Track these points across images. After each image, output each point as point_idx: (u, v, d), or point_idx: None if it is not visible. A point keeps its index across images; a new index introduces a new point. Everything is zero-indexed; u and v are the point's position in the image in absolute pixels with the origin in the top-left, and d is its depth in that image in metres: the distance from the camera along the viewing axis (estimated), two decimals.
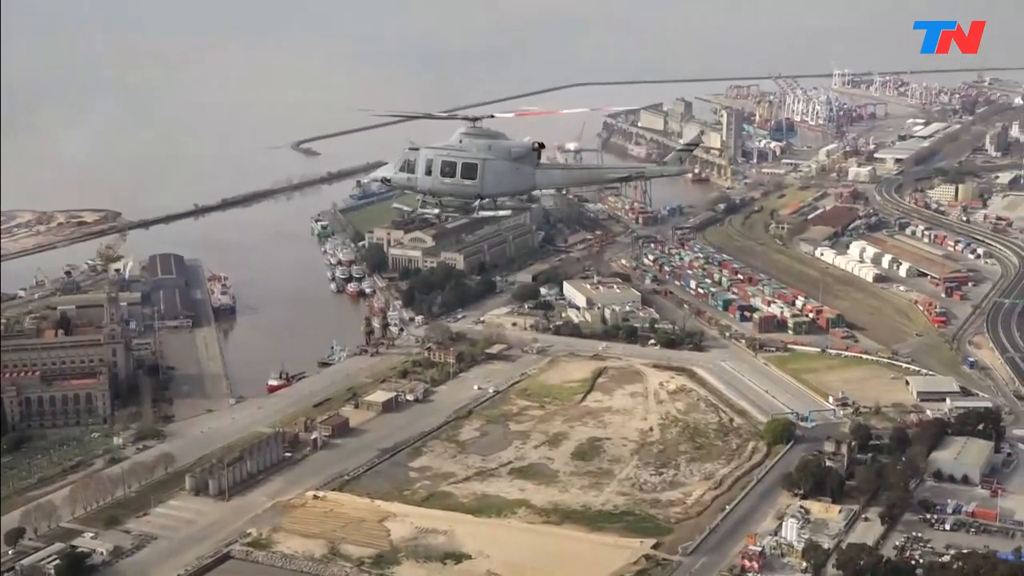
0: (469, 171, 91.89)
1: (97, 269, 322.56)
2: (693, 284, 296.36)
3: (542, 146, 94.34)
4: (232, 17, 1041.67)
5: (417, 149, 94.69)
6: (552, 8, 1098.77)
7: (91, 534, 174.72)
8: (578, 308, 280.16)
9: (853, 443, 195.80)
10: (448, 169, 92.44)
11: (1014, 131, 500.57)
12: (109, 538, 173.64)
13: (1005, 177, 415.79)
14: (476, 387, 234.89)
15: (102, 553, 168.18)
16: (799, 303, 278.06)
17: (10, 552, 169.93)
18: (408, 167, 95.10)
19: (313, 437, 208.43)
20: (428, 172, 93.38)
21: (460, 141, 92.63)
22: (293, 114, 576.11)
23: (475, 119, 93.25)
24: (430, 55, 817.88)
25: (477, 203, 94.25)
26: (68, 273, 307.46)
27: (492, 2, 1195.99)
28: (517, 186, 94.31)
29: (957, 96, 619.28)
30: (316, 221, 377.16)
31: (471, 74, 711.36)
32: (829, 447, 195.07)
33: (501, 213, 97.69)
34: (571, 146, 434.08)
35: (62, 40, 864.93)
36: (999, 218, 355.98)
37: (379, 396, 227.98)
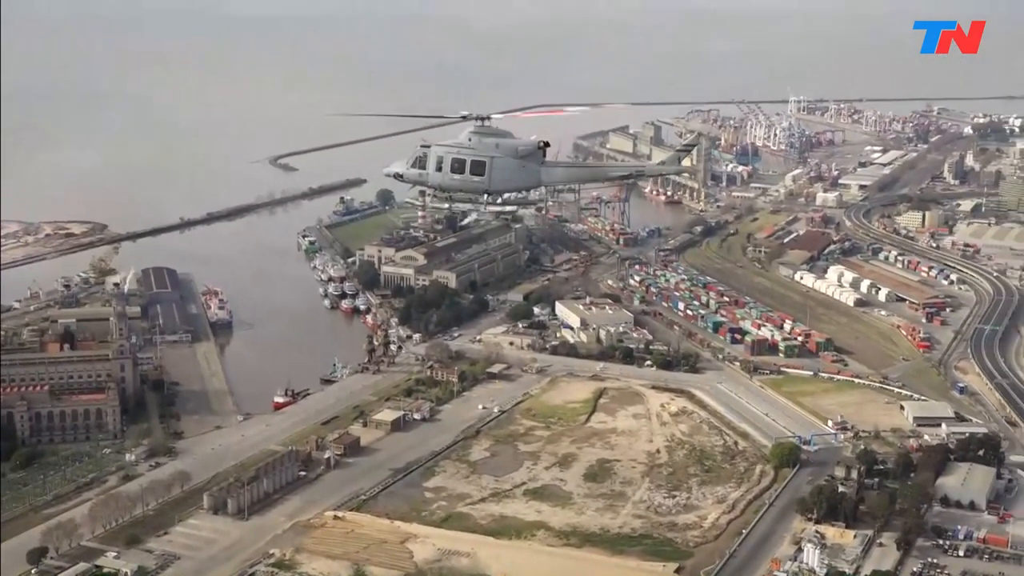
0: (478, 168, 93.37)
1: (90, 282, 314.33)
2: (681, 306, 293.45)
3: (547, 144, 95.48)
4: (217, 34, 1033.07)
5: (428, 147, 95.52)
6: (519, 31, 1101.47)
7: (113, 553, 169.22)
8: (572, 328, 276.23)
9: (862, 468, 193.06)
10: (458, 166, 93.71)
11: (969, 160, 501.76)
12: (132, 557, 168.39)
13: (967, 205, 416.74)
14: (481, 407, 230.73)
15: (127, 573, 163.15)
16: (787, 326, 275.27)
17: (33, 572, 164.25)
18: (419, 163, 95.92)
19: (326, 456, 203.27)
20: (439, 169, 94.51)
21: (469, 139, 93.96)
22: (273, 129, 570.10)
23: (483, 118, 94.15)
24: (401, 75, 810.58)
25: (485, 198, 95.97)
26: (67, 286, 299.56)
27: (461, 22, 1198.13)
28: (523, 182, 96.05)
29: (910, 125, 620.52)
30: (303, 237, 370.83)
31: (431, 92, 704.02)
32: (840, 472, 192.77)
33: (507, 208, 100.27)
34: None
35: (44, 52, 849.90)
36: (967, 245, 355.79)
37: (387, 415, 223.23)
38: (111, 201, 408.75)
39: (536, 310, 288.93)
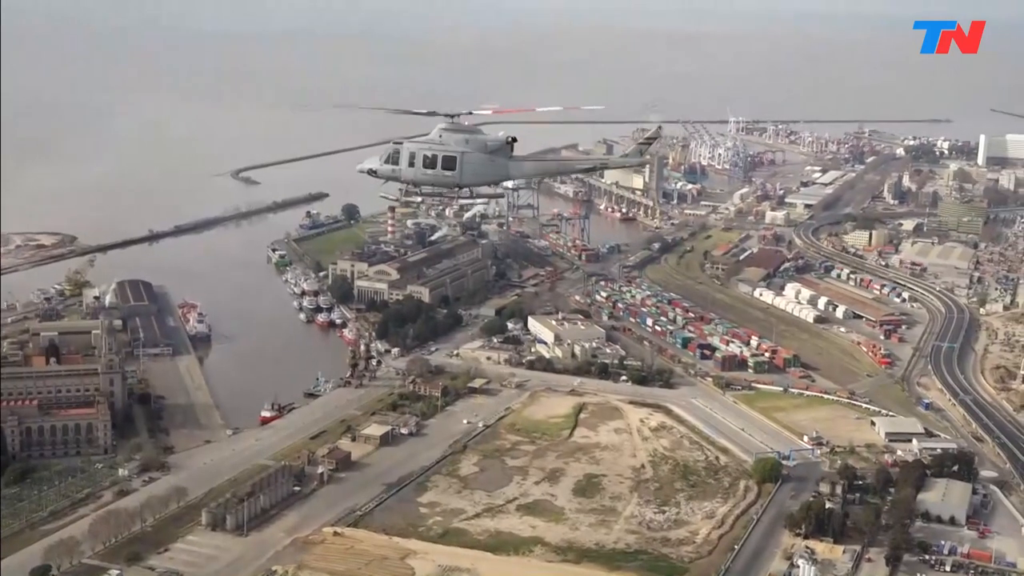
0: (449, 163, 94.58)
1: (65, 294, 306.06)
2: (650, 321, 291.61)
3: (515, 140, 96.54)
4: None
5: (401, 143, 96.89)
6: (472, 49, 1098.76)
7: (116, 571, 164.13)
8: (546, 343, 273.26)
9: (845, 484, 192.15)
10: (429, 161, 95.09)
11: (905, 180, 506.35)
12: (135, 575, 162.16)
13: (908, 224, 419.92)
14: (465, 421, 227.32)
15: None
16: (754, 342, 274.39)
17: None
18: (392, 159, 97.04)
19: (319, 471, 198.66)
20: (411, 164, 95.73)
21: (440, 136, 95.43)
22: (233, 143, 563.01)
23: (453, 115, 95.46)
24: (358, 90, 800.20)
25: (456, 191, 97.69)
26: (48, 299, 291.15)
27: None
28: (493, 176, 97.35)
29: (845, 146, 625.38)
30: (273, 250, 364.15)
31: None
32: (825, 488, 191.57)
33: (478, 201, 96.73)
34: (509, 184, 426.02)
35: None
36: (914, 263, 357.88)
37: (375, 429, 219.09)
38: (77, 213, 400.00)
39: (509, 325, 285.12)
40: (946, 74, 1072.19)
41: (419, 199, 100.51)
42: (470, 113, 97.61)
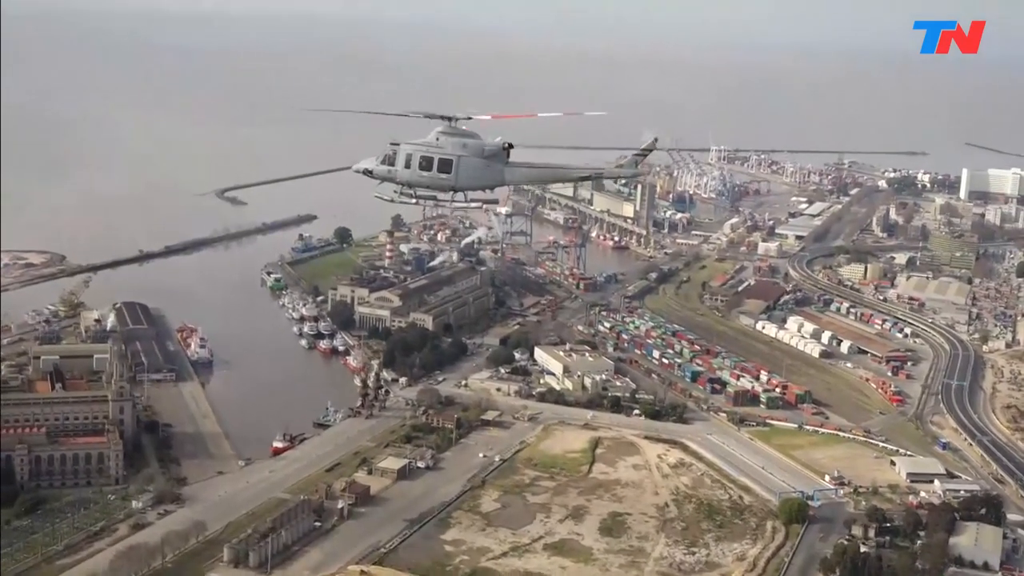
0: (445, 166, 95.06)
1: (60, 315, 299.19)
2: (656, 354, 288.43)
3: (511, 146, 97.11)
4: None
5: (398, 144, 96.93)
6: (436, 68, 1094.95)
7: None
8: (555, 375, 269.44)
9: (875, 527, 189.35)
10: (425, 163, 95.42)
11: (892, 214, 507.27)
12: None
13: (901, 258, 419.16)
14: (481, 455, 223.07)
15: None
16: (763, 377, 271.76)
17: None
18: (389, 160, 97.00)
19: (340, 506, 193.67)
20: (407, 166, 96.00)
21: (437, 139, 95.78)
22: (215, 162, 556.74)
23: (452, 118, 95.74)
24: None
25: (451, 195, 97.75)
26: (47, 321, 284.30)
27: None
28: (488, 180, 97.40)
29: (827, 177, 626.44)
30: (268, 273, 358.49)
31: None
32: (857, 531, 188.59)
33: (472, 205, 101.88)
34: (502, 210, 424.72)
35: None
36: (911, 298, 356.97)
37: (392, 463, 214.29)
38: (62, 230, 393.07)
39: (516, 355, 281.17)
40: (920, 107, 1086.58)
41: (413, 200, 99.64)
42: (469, 118, 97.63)
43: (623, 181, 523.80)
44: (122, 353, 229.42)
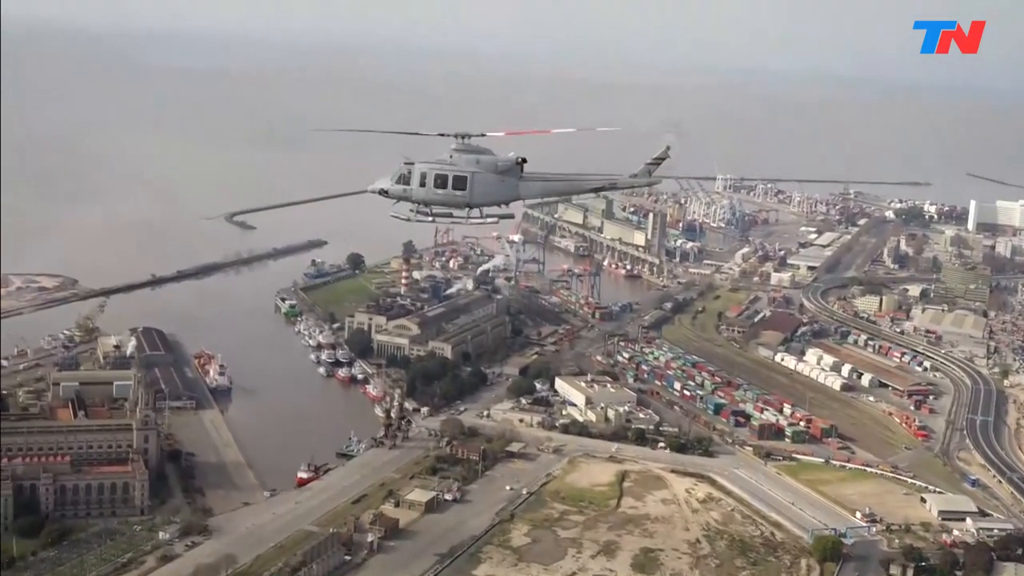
0: (460, 183, 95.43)
1: (75, 340, 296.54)
2: (678, 385, 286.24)
3: (525, 161, 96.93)
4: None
5: (412, 163, 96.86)
6: (431, 90, 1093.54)
7: None
8: (577, 406, 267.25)
9: (912, 566, 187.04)
10: (440, 181, 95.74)
11: (902, 244, 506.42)
12: None
13: (914, 289, 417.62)
14: (508, 487, 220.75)
15: None
16: (787, 411, 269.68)
17: None
18: (403, 180, 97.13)
19: (369, 539, 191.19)
20: (422, 184, 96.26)
21: (451, 156, 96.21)
22: (221, 186, 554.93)
23: (465, 136, 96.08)
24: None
25: (467, 212, 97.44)
26: (67, 347, 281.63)
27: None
28: (503, 196, 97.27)
29: (834, 207, 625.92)
30: (282, 299, 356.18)
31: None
32: (895, 570, 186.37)
33: (488, 221, 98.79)
34: (515, 238, 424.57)
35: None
36: (928, 331, 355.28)
37: (419, 495, 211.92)
38: (72, 254, 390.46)
39: (537, 385, 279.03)
40: (919, 136, 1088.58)
41: (430, 219, 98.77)
42: (482, 135, 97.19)
43: (632, 209, 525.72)
44: (146, 380, 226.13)
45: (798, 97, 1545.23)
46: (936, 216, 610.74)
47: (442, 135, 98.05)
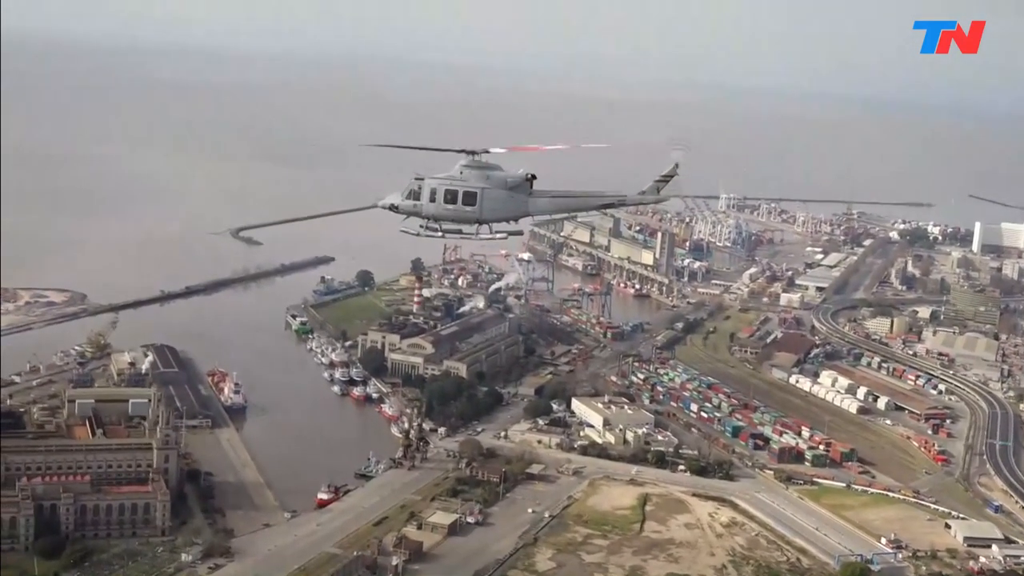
0: (469, 198, 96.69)
1: (87, 356, 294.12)
2: (694, 407, 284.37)
3: (534, 177, 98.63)
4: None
5: (422, 179, 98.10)
6: (437, 108, 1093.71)
7: None
8: (594, 427, 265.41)
9: None
10: (450, 197, 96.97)
11: (908, 266, 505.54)
12: None
13: (924, 311, 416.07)
14: (530, 510, 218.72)
15: None
16: (805, 433, 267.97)
17: None
18: (414, 195, 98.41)
19: (394, 563, 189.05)
20: (432, 199, 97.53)
21: (461, 172, 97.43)
22: (225, 201, 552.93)
23: (474, 153, 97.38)
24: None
25: (476, 227, 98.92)
26: (81, 363, 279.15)
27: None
28: (512, 212, 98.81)
29: (839, 228, 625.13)
30: (293, 316, 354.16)
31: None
32: None
33: (497, 237, 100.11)
34: (524, 256, 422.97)
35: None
36: (941, 354, 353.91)
37: (441, 517, 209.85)
38: (78, 269, 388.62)
39: (554, 406, 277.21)
40: (918, 157, 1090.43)
41: (439, 234, 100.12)
42: (487, 151, 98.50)
43: (638, 228, 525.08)
44: (167, 399, 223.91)
45: (794, 116, 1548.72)
46: (940, 237, 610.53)
47: (460, 151, 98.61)
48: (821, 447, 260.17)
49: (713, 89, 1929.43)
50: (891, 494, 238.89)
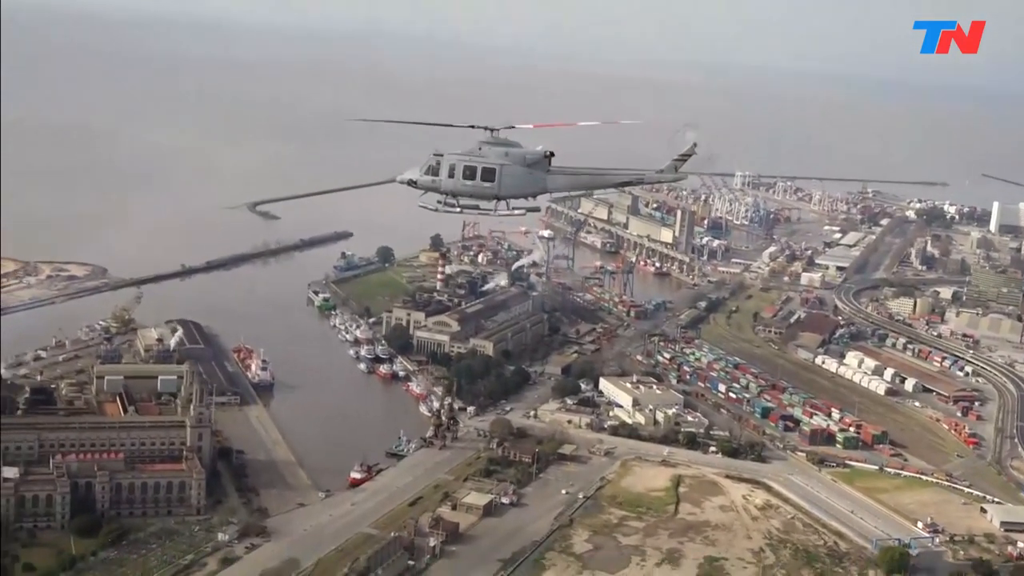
0: (488, 174, 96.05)
1: (111, 331, 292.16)
2: (722, 388, 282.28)
3: (553, 154, 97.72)
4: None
5: (441, 155, 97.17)
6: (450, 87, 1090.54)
7: None
8: (623, 407, 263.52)
9: None
10: (469, 172, 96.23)
11: (928, 246, 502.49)
12: None
13: (945, 291, 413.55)
14: (564, 491, 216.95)
15: None
16: (835, 415, 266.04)
17: None
18: (432, 171, 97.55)
19: (432, 544, 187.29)
20: (451, 175, 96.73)
21: (480, 148, 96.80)
22: (240, 176, 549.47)
23: (493, 129, 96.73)
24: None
25: (495, 203, 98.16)
26: (108, 339, 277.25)
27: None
28: (530, 188, 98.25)
29: (855, 207, 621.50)
30: (315, 292, 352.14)
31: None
32: None
33: (515, 213, 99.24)
34: (545, 233, 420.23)
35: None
36: (965, 335, 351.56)
37: (476, 498, 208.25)
38: (98, 242, 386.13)
39: (582, 386, 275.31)
40: (930, 136, 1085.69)
41: (457, 210, 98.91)
42: (511, 127, 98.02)
43: (655, 205, 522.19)
44: (200, 376, 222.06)
45: (805, 96, 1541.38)
46: (956, 217, 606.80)
47: (473, 127, 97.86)
48: (852, 429, 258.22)
49: (717, 69, 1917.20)
50: (924, 477, 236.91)
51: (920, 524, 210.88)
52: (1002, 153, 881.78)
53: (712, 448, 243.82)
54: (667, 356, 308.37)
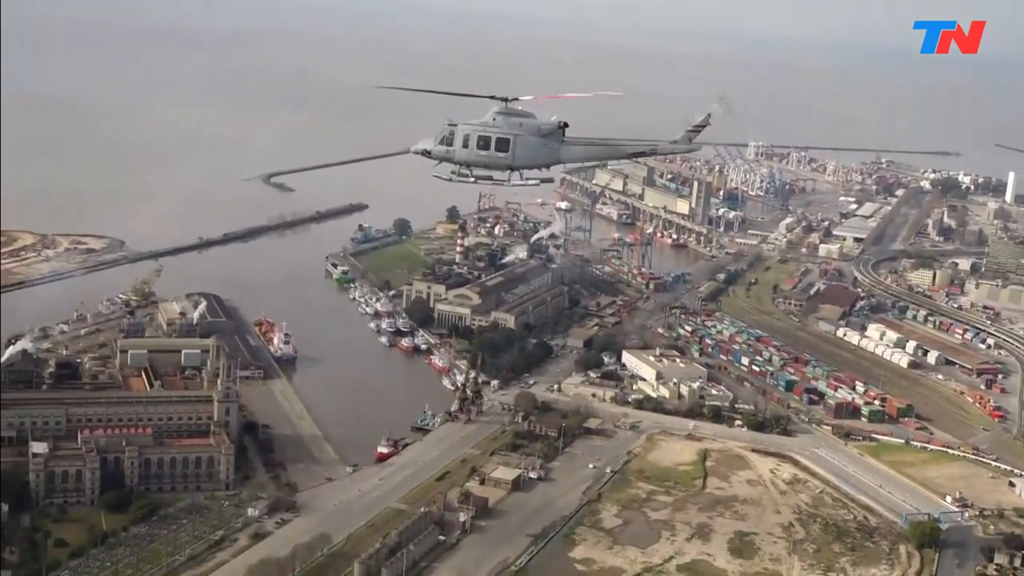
0: (502, 145, 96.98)
1: (131, 304, 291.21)
2: (745, 361, 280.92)
3: (566, 125, 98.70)
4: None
5: (455, 125, 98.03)
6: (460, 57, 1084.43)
7: None
8: (647, 381, 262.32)
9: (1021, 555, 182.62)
10: (483, 143, 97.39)
11: (945, 217, 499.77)
12: None
13: (963, 263, 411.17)
14: (591, 466, 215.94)
15: None
16: (859, 388, 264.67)
17: None
18: (446, 141, 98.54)
19: (462, 519, 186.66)
20: (465, 145, 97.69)
21: (493, 119, 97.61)
22: (251, 148, 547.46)
23: (507, 99, 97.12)
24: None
25: (508, 174, 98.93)
26: (131, 312, 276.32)
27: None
28: (544, 159, 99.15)
29: (870, 177, 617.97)
30: (334, 265, 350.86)
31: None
32: (1002, 559, 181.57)
33: (528, 183, 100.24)
34: (563, 205, 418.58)
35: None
36: (986, 307, 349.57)
37: (504, 472, 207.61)
38: (114, 215, 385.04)
39: (604, 358, 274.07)
40: (940, 106, 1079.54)
41: (471, 180, 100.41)
42: (516, 99, 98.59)
43: (670, 176, 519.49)
44: (229, 353, 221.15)
45: (812, 66, 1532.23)
46: (972, 187, 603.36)
47: (492, 97, 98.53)
48: (877, 402, 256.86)
49: (726, 39, 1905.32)
50: (951, 451, 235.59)
51: (948, 498, 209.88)
52: (1012, 123, 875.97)
53: (737, 422, 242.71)
54: (688, 329, 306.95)
